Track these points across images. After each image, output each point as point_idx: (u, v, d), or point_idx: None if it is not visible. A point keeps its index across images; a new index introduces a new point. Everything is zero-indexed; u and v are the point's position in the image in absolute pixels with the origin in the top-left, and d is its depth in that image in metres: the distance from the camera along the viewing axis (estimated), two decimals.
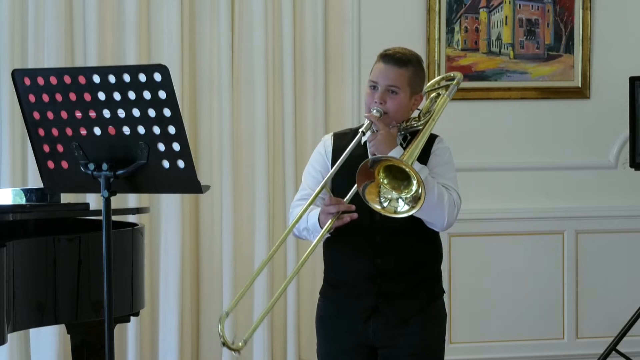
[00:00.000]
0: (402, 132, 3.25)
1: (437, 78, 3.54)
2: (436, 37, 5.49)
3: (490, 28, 5.59)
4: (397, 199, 3.05)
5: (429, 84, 3.47)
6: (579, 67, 5.63)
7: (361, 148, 3.22)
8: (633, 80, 5.26)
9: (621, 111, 5.45)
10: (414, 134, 3.23)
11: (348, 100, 5.45)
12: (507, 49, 5.61)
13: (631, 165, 5.31)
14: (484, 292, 5.58)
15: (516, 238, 5.62)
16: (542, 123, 5.66)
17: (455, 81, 3.44)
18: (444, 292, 3.37)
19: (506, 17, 5.60)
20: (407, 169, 2.99)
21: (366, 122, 3.19)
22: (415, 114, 3.32)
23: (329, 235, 3.19)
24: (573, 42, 5.63)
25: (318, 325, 3.38)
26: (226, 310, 3.07)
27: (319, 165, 3.31)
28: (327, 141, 3.33)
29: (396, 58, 3.24)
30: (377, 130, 3.15)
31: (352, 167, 3.10)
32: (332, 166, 3.22)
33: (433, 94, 3.43)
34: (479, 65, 5.58)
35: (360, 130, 3.17)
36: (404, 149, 3.15)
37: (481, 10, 5.58)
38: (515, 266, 5.61)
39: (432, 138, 3.28)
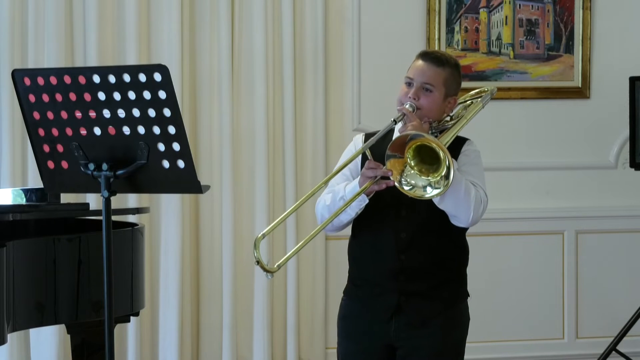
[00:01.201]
0: (433, 131, 3.24)
1: (474, 91, 3.54)
2: (436, 37, 5.49)
3: (490, 28, 5.59)
4: (425, 187, 3.05)
5: (465, 96, 3.47)
6: (579, 67, 5.63)
7: (389, 142, 3.21)
8: (633, 80, 5.26)
9: (621, 111, 5.45)
10: (443, 132, 3.23)
11: (348, 100, 5.45)
12: (507, 49, 5.61)
13: (631, 165, 5.31)
14: (484, 292, 5.57)
15: (516, 238, 5.62)
16: (542, 123, 5.66)
17: (489, 91, 3.48)
18: (469, 296, 3.35)
19: (506, 17, 5.60)
20: (439, 148, 2.99)
21: (398, 114, 3.19)
22: (447, 119, 3.32)
23: (366, 201, 3.14)
24: (573, 42, 5.63)
25: (340, 324, 3.36)
26: (262, 232, 3.04)
27: (350, 163, 3.30)
28: (358, 140, 3.33)
29: (435, 57, 3.25)
30: (407, 122, 3.15)
31: (379, 159, 3.12)
32: (362, 166, 3.21)
33: (467, 102, 3.45)
34: (479, 65, 5.58)
35: (392, 119, 3.17)
36: None
37: (481, 10, 5.58)
38: (515, 266, 5.61)
39: (463, 140, 3.29)
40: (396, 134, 3.21)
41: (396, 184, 3.06)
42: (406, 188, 3.06)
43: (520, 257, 5.61)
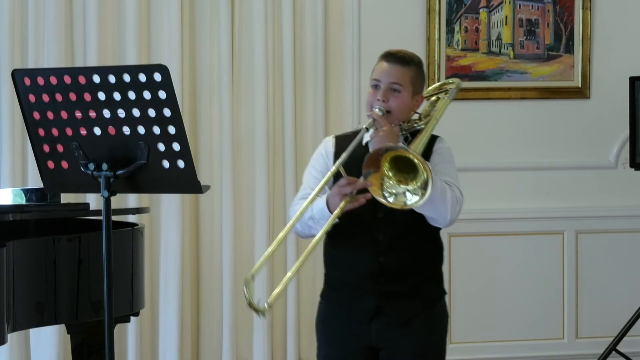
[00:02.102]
0: (404, 133, 3.26)
1: (437, 84, 3.56)
2: (436, 37, 5.49)
3: (490, 28, 5.59)
4: (404, 193, 3.06)
5: (428, 89, 3.48)
6: (579, 67, 5.63)
7: (362, 149, 3.22)
8: (633, 80, 5.26)
9: (621, 111, 5.45)
10: (415, 134, 3.25)
11: (348, 100, 5.45)
12: (507, 49, 5.61)
13: (631, 165, 5.31)
14: (483, 292, 5.58)
15: (516, 238, 5.61)
16: (542, 123, 5.66)
17: (454, 85, 3.46)
18: (446, 293, 3.37)
19: (506, 17, 5.60)
20: (414, 158, 3.00)
21: (368, 120, 3.20)
22: (415, 117, 3.33)
23: (337, 221, 3.15)
24: (573, 42, 5.63)
25: (319, 328, 3.37)
26: (251, 272, 3.07)
27: (320, 166, 3.31)
28: (329, 143, 3.34)
29: (399, 57, 3.26)
30: (379, 128, 3.16)
31: (352, 168, 3.12)
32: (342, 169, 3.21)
33: (433, 98, 3.45)
34: (479, 65, 5.58)
35: (364, 126, 3.19)
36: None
37: (481, 10, 5.58)
38: (515, 266, 5.61)
39: (434, 138, 3.29)
40: (366, 138, 3.22)
41: (380, 199, 3.06)
42: (390, 200, 3.06)
43: (520, 257, 5.61)
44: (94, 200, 4.78)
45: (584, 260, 5.65)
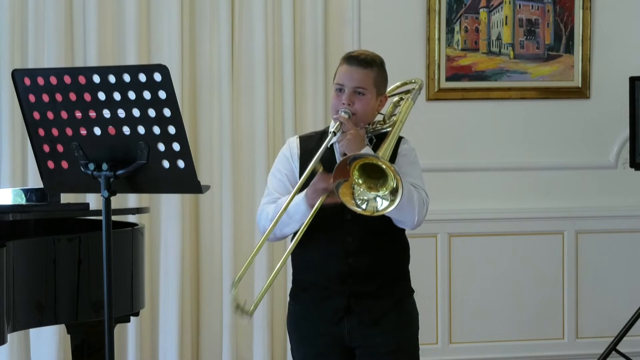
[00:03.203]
0: (369, 135, 3.28)
1: (398, 83, 3.53)
2: (436, 37, 5.49)
3: (490, 28, 5.59)
4: (375, 198, 3.06)
5: (390, 88, 3.47)
6: (579, 67, 5.63)
7: (328, 151, 3.23)
8: (633, 80, 5.26)
9: (621, 111, 5.46)
10: (380, 137, 3.26)
11: None
12: (507, 49, 5.61)
13: (631, 165, 5.31)
14: (484, 292, 5.58)
15: (516, 238, 5.61)
16: (542, 123, 5.66)
17: (417, 85, 3.47)
18: (414, 292, 3.38)
19: (506, 17, 5.60)
20: (383, 165, 3.01)
21: (333, 123, 3.21)
22: (379, 118, 3.34)
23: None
24: (573, 42, 5.63)
25: (291, 329, 3.40)
26: (238, 275, 3.13)
27: (284, 168, 3.32)
28: (293, 143, 3.34)
29: (361, 59, 3.26)
30: (345, 131, 3.17)
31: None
32: (299, 168, 3.24)
33: (395, 99, 3.45)
34: (479, 65, 5.58)
35: (332, 130, 3.19)
36: (373, 150, 3.18)
37: (481, 10, 5.58)
38: (515, 266, 5.61)
39: (398, 139, 3.29)
40: (333, 141, 3.21)
41: (353, 208, 3.06)
42: (363, 207, 3.07)
43: (520, 257, 5.61)
44: (94, 200, 4.79)
45: (584, 260, 5.65)
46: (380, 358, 3.26)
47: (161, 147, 2.92)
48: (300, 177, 3.23)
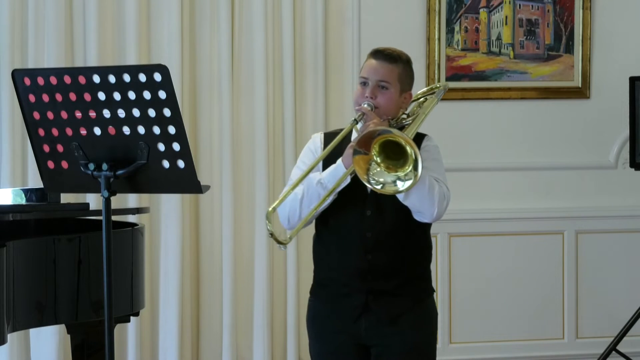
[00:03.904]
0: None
1: (426, 88, 3.58)
2: (436, 37, 5.49)
3: (490, 28, 5.59)
4: (395, 181, 3.06)
5: (417, 93, 3.49)
6: (579, 67, 5.63)
7: (349, 143, 3.22)
8: (633, 80, 5.26)
9: (621, 111, 5.46)
10: (402, 129, 3.24)
11: (348, 100, 5.44)
12: (507, 49, 5.61)
13: (631, 165, 5.31)
14: (484, 292, 5.58)
15: (516, 238, 5.61)
16: (542, 123, 5.66)
17: (442, 87, 3.52)
18: (434, 291, 3.38)
19: (506, 17, 5.60)
20: (406, 143, 3.01)
21: (357, 114, 3.22)
22: (403, 116, 3.34)
23: (348, 180, 3.16)
24: (573, 42, 5.63)
25: (309, 325, 3.39)
26: (273, 206, 3.12)
27: (309, 161, 3.31)
28: (317, 139, 3.36)
29: (386, 54, 3.29)
30: (368, 121, 3.17)
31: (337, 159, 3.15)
32: (323, 164, 3.24)
33: (421, 99, 3.48)
34: (479, 65, 5.58)
35: (354, 118, 3.20)
36: None
37: (481, 10, 5.58)
38: (515, 266, 5.61)
39: (422, 136, 3.31)
40: (354, 135, 3.23)
41: (364, 182, 3.07)
42: (377, 187, 3.07)
43: (520, 257, 5.61)
44: (94, 200, 4.79)
45: (584, 260, 5.65)
46: (395, 357, 3.26)
47: (161, 147, 2.92)
48: (323, 169, 3.23)
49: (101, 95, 2.93)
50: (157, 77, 2.85)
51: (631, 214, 5.68)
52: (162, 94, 2.87)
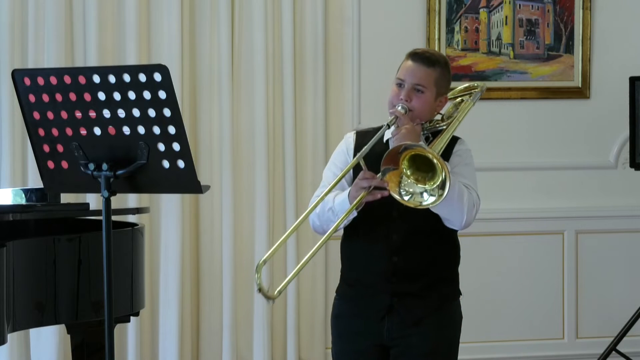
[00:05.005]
0: (425, 132, 3.24)
1: (462, 87, 3.52)
2: (436, 37, 5.49)
3: (490, 28, 5.59)
4: (422, 193, 3.04)
5: (453, 91, 3.46)
6: (579, 67, 5.63)
7: (383, 145, 3.20)
8: (633, 80, 5.26)
9: (621, 111, 5.45)
10: (436, 134, 3.23)
11: (348, 100, 5.45)
12: (507, 49, 5.61)
13: (631, 165, 5.31)
14: (483, 291, 5.58)
15: (516, 238, 5.61)
16: (542, 123, 5.66)
17: (479, 88, 3.46)
18: (461, 294, 3.36)
19: (506, 17, 5.60)
20: (434, 158, 2.98)
21: (390, 117, 3.19)
22: (438, 117, 3.31)
23: (355, 216, 3.15)
24: (573, 42, 5.63)
25: (333, 323, 3.37)
26: (263, 258, 3.08)
27: (340, 162, 3.30)
28: (350, 138, 3.33)
29: (425, 57, 3.23)
30: (400, 126, 3.15)
31: (372, 164, 3.10)
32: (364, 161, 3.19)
33: (457, 100, 3.44)
34: (479, 65, 5.58)
35: (386, 123, 3.16)
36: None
37: (481, 10, 5.58)
38: (515, 266, 5.61)
39: (454, 139, 3.27)
40: (387, 136, 3.21)
41: (396, 196, 3.04)
42: (406, 198, 3.05)
43: (520, 257, 5.61)
44: (94, 200, 4.79)
45: (584, 260, 5.65)
46: (414, 359, 3.24)
47: (161, 147, 2.92)
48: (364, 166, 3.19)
49: (101, 95, 2.92)
50: (157, 77, 2.85)
51: (631, 214, 5.68)
52: (162, 94, 2.87)
